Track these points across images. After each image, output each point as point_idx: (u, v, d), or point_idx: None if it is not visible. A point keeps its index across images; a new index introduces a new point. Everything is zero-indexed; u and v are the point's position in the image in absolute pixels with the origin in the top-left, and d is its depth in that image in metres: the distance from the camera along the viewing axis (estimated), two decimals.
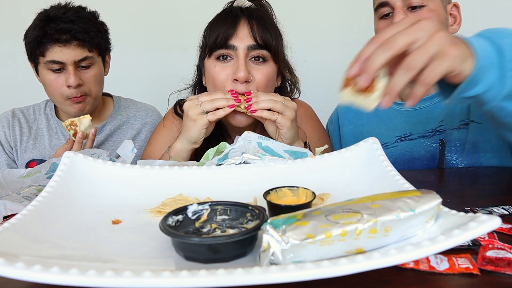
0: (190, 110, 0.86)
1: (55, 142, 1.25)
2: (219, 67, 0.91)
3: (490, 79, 0.54)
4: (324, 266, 0.35)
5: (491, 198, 0.64)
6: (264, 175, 0.67)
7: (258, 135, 0.78)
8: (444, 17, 1.02)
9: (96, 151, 0.82)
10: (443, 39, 0.48)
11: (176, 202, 0.57)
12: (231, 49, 0.89)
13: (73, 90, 1.12)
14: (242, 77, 0.86)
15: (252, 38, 0.89)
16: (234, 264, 0.41)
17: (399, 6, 0.99)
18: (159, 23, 1.93)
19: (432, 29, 0.49)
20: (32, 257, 0.40)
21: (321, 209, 0.42)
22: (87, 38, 1.12)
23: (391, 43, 0.48)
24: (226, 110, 0.85)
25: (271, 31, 0.91)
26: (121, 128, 1.30)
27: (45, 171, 0.79)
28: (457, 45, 0.50)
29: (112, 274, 0.34)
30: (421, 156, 1.05)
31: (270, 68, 0.92)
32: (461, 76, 0.52)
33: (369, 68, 0.48)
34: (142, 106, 1.37)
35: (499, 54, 0.54)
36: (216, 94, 0.86)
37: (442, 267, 0.42)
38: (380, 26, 1.05)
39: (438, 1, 1.01)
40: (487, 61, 0.53)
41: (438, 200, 0.42)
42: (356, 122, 1.19)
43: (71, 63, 1.11)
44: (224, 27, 0.89)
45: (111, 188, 0.62)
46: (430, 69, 0.48)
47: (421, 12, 0.99)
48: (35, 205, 0.51)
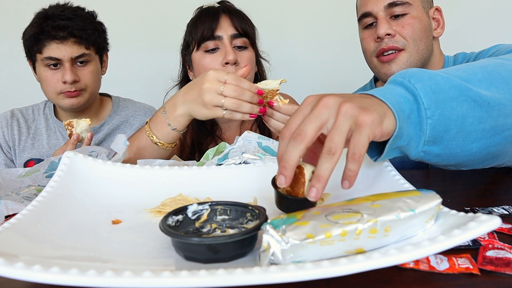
0: (208, 94, 0.77)
1: (53, 142, 1.26)
2: (209, 57, 1.02)
3: (410, 129, 0.50)
4: (324, 266, 0.35)
5: (491, 198, 0.64)
6: (264, 175, 0.67)
7: (258, 135, 0.78)
8: (427, 22, 1.03)
9: (95, 148, 0.82)
10: (351, 110, 0.44)
11: (176, 202, 0.57)
12: (217, 39, 1.01)
13: (68, 86, 1.14)
14: (232, 59, 0.98)
15: (234, 28, 1.02)
16: (234, 264, 0.41)
17: (382, 16, 1.01)
18: (158, 23, 1.94)
19: (336, 104, 0.45)
20: (32, 257, 0.40)
21: (321, 209, 0.42)
22: (84, 35, 1.13)
23: (301, 134, 0.45)
24: (245, 117, 0.78)
25: (247, 22, 1.05)
26: (119, 128, 1.31)
27: (44, 170, 0.79)
28: (368, 110, 0.45)
29: (112, 274, 0.34)
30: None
31: (251, 53, 1.06)
32: (385, 135, 0.48)
33: (286, 166, 0.45)
34: (141, 106, 1.37)
35: (416, 101, 0.50)
36: (244, 94, 0.77)
37: (442, 267, 0.42)
38: (365, 36, 1.06)
39: (420, 8, 1.02)
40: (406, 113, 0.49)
41: (438, 200, 0.42)
42: None
43: (68, 59, 1.12)
44: (208, 21, 1.01)
45: (111, 188, 0.62)
46: (352, 144, 0.44)
47: (404, 19, 1.00)
48: (35, 205, 0.51)
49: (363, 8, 1.05)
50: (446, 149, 0.53)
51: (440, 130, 0.51)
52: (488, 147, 0.55)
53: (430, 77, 0.52)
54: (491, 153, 0.57)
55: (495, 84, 0.55)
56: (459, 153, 0.54)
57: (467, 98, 0.52)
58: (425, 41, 1.02)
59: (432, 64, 1.07)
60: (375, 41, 1.03)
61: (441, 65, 1.09)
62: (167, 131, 0.84)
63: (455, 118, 0.51)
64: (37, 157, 1.23)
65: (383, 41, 1.00)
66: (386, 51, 1.01)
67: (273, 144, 0.78)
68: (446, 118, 0.50)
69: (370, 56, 1.06)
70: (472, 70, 0.56)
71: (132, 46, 1.92)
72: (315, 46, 1.96)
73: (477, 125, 0.52)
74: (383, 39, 1.00)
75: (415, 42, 1.00)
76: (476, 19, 1.89)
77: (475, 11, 1.90)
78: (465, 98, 0.51)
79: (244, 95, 0.76)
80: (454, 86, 0.52)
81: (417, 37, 1.00)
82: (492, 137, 0.54)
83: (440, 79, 0.52)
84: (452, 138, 0.52)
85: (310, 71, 1.98)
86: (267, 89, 0.77)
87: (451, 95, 0.51)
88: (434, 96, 0.50)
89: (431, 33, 1.05)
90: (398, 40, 1.00)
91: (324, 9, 1.95)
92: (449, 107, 0.51)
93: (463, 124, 0.52)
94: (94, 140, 1.26)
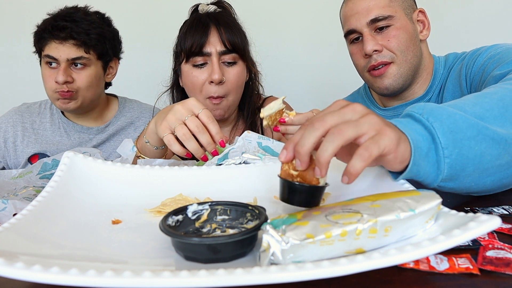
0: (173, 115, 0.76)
1: (57, 138, 1.26)
2: (196, 72, 1.02)
3: (428, 168, 0.51)
4: (324, 266, 0.35)
5: (491, 198, 0.64)
6: (264, 175, 0.67)
7: (258, 135, 0.78)
8: (412, 29, 1.03)
9: (88, 150, 0.82)
10: (376, 120, 0.46)
11: (176, 202, 0.57)
12: (205, 55, 1.00)
13: (60, 85, 1.15)
14: (217, 78, 0.98)
15: (222, 44, 1.00)
16: (234, 264, 0.41)
17: (367, 32, 1.01)
18: (158, 23, 1.94)
19: (363, 112, 0.47)
20: (32, 257, 0.40)
21: (321, 209, 0.42)
22: (85, 39, 1.14)
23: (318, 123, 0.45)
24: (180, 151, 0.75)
25: (237, 34, 1.02)
26: (124, 129, 1.31)
27: (37, 171, 0.79)
28: (391, 127, 0.46)
29: (112, 274, 0.34)
30: None
31: (240, 68, 1.04)
32: (397, 159, 0.48)
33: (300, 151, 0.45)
34: (147, 108, 1.37)
35: (434, 141, 0.50)
36: (202, 135, 0.74)
37: (442, 267, 0.42)
38: (353, 51, 1.08)
39: (403, 17, 1.02)
40: (423, 151, 0.50)
41: (438, 200, 0.43)
42: None
43: (64, 60, 1.14)
44: (197, 36, 1.00)
45: (111, 188, 0.62)
46: (367, 143, 0.44)
47: (388, 31, 1.01)
48: (35, 205, 0.51)
49: (347, 25, 1.06)
50: (461, 184, 0.54)
51: (458, 169, 0.51)
52: (502, 179, 0.56)
53: (448, 116, 0.52)
54: (504, 184, 0.58)
55: (510, 121, 0.55)
56: (473, 187, 0.55)
57: (485, 137, 0.52)
58: (412, 49, 1.03)
59: (423, 67, 1.08)
60: (364, 57, 1.04)
61: (431, 66, 1.09)
62: (145, 146, 0.85)
63: (473, 157, 0.51)
64: (41, 151, 1.24)
65: (372, 57, 1.02)
66: (376, 66, 1.02)
67: (273, 144, 0.78)
68: (464, 157, 0.51)
69: (362, 71, 1.08)
70: (489, 105, 0.56)
71: (141, 48, 1.92)
72: (312, 46, 1.97)
73: (495, 162, 0.53)
74: (372, 55, 1.02)
75: (403, 53, 1.01)
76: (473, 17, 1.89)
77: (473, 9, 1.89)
78: (483, 137, 0.52)
79: (202, 135, 0.73)
80: (471, 125, 0.52)
81: (404, 48, 1.01)
82: (506, 171, 0.55)
83: (458, 118, 0.52)
84: (468, 175, 0.53)
85: (307, 71, 1.98)
86: (273, 113, 0.74)
87: (469, 134, 0.51)
88: (451, 136, 0.50)
89: (417, 38, 1.05)
90: (386, 54, 1.01)
91: (322, 9, 1.95)
92: (467, 146, 0.51)
93: (481, 162, 0.52)
94: (97, 140, 1.27)
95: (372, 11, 1.00)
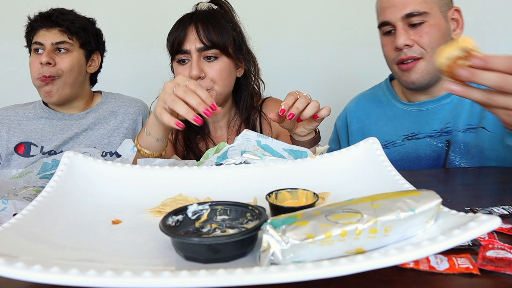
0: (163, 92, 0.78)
1: (40, 126, 1.30)
2: (180, 69, 1.06)
3: None
4: (324, 266, 0.35)
5: (491, 198, 0.64)
6: (264, 175, 0.67)
7: (257, 134, 0.78)
8: (445, 27, 1.03)
9: (87, 149, 0.82)
10: None
11: (176, 202, 0.57)
12: (185, 53, 1.03)
13: (44, 69, 1.22)
14: (193, 75, 1.00)
15: (199, 41, 1.02)
16: (234, 264, 0.41)
17: (400, 26, 1.01)
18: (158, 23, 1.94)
19: None
20: (32, 257, 0.40)
21: (321, 209, 0.42)
22: (68, 25, 1.25)
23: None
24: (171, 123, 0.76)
25: (216, 31, 1.04)
26: (106, 118, 1.35)
27: (37, 171, 0.79)
28: None
29: (112, 274, 0.34)
30: (427, 155, 1.07)
31: (222, 63, 1.05)
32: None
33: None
34: (128, 98, 1.43)
35: None
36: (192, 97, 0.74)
37: (442, 267, 0.42)
38: (385, 42, 1.08)
39: (437, 14, 1.02)
40: None
41: (438, 200, 0.42)
42: (364, 121, 1.20)
43: (49, 44, 1.23)
44: (176, 34, 1.04)
45: (111, 188, 0.62)
46: None
47: (422, 27, 1.00)
48: (35, 205, 0.51)
49: (381, 17, 1.06)
50: None
51: None
52: None
53: None
54: None
55: None
56: None
57: None
58: None
59: None
60: (394, 50, 1.04)
61: None
62: (146, 139, 0.86)
63: None
64: (26, 140, 1.28)
65: (402, 51, 1.02)
66: (405, 60, 1.02)
67: (272, 142, 0.78)
68: None
69: (391, 63, 1.08)
70: None
71: (132, 46, 1.92)
72: (311, 45, 1.97)
73: None
74: (402, 49, 1.02)
75: (433, 50, 1.01)
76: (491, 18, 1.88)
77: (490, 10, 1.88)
78: None
79: (190, 98, 0.74)
80: None
81: (435, 45, 1.01)
82: None
83: None
84: None
85: (307, 70, 1.98)
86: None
87: None
88: None
89: (449, 37, 1.05)
90: (416, 49, 1.01)
91: (321, 9, 1.95)
92: None
93: None
94: (79, 127, 1.31)
95: (408, 5, 1.00)
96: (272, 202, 0.53)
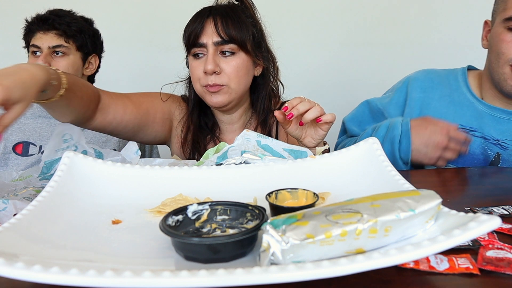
0: None
1: (38, 125, 1.31)
2: (195, 63, 1.03)
3: None
4: (324, 266, 0.35)
5: (491, 198, 0.64)
6: (264, 175, 0.67)
7: (257, 134, 0.78)
8: None
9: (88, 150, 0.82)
10: None
11: (176, 202, 0.57)
12: (202, 46, 1.00)
13: None
14: (209, 69, 0.97)
15: (217, 34, 0.98)
16: (234, 264, 0.41)
17: None
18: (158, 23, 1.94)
19: None
20: (32, 257, 0.40)
21: (321, 209, 0.42)
22: (65, 28, 1.26)
23: None
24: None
25: (235, 26, 1.00)
26: None
27: (37, 174, 0.79)
28: None
29: (112, 274, 0.34)
30: (476, 154, 1.03)
31: (240, 59, 1.01)
32: None
33: None
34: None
35: None
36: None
37: (442, 267, 0.42)
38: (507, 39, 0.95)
39: None
40: None
41: (438, 200, 0.42)
42: (428, 92, 1.11)
43: (46, 47, 1.25)
44: (193, 27, 1.01)
45: (111, 188, 0.62)
46: None
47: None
48: (35, 205, 0.51)
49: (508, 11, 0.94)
50: None
51: None
52: None
53: None
54: None
55: None
56: None
57: None
58: None
59: None
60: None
61: None
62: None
63: None
64: (24, 140, 1.28)
65: None
66: None
67: (272, 142, 0.78)
68: None
69: (504, 62, 0.96)
70: None
71: (132, 46, 1.93)
72: (311, 46, 1.96)
73: None
74: None
75: None
76: None
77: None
78: None
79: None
80: None
81: None
82: None
83: None
84: None
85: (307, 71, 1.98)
86: None
87: None
88: None
89: None
90: None
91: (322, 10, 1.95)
92: None
93: None
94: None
95: None
96: (272, 202, 0.53)
